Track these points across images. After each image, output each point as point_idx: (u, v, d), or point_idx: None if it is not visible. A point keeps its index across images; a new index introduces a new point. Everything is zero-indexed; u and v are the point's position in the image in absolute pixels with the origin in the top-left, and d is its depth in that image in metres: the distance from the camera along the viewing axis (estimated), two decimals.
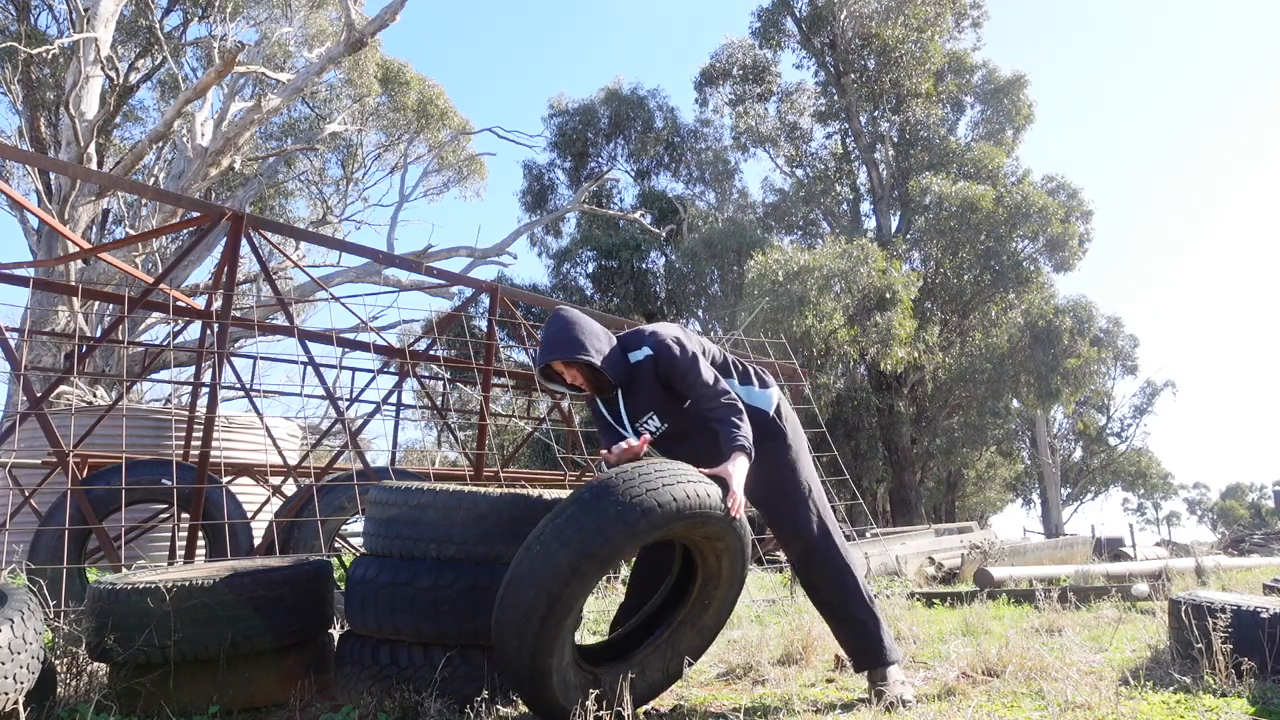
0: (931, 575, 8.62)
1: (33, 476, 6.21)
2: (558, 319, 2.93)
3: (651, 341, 2.90)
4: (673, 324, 3.04)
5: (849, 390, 18.71)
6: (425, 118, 21.10)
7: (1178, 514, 45.33)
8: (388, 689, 2.64)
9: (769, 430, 3.00)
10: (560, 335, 2.87)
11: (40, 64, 15.32)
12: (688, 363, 2.84)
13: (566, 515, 2.37)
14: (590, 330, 2.91)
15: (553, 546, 2.33)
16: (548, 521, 2.40)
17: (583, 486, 2.47)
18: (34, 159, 12.31)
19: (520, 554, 2.40)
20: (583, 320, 2.93)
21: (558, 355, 2.84)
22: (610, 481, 2.42)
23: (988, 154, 20.31)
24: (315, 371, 5.68)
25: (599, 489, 2.40)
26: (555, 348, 2.86)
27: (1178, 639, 3.21)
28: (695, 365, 2.84)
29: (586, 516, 2.35)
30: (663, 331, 2.94)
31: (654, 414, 2.95)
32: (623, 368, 2.91)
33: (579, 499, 2.40)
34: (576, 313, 2.97)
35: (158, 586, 2.74)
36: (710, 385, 2.83)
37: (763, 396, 3.07)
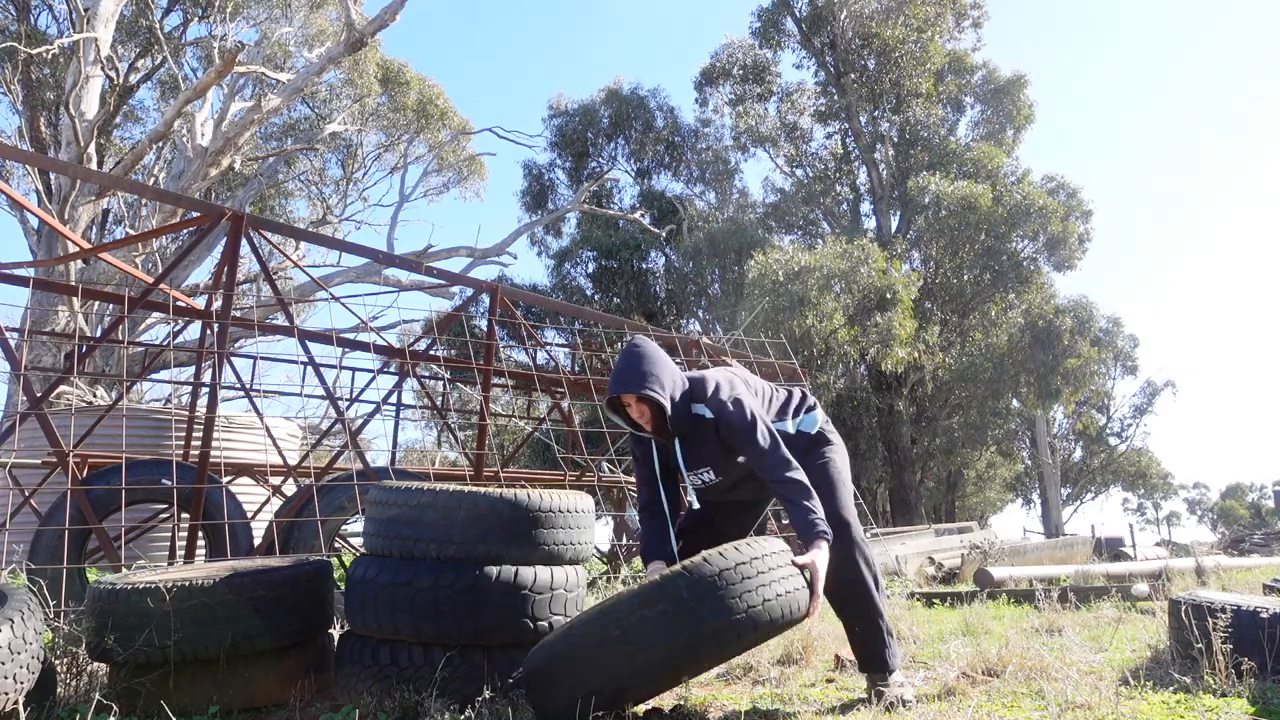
0: (931, 575, 8.62)
1: (33, 476, 6.20)
2: (634, 350, 2.86)
3: (715, 404, 2.84)
4: (727, 373, 2.99)
5: (849, 390, 18.71)
6: (425, 118, 21.10)
7: (1178, 514, 45.35)
8: (388, 689, 2.64)
9: (818, 440, 3.08)
10: (635, 367, 2.80)
11: (40, 64, 15.32)
12: (750, 430, 2.79)
13: (659, 611, 2.24)
14: (665, 368, 2.84)
15: (636, 644, 2.24)
16: (634, 608, 2.27)
17: (679, 575, 2.30)
18: (34, 159, 12.32)
19: (594, 626, 2.29)
20: (659, 355, 2.86)
21: (631, 388, 2.77)
22: (712, 582, 2.26)
23: (988, 154, 20.30)
24: (315, 371, 5.68)
25: (699, 589, 2.26)
26: (629, 380, 2.78)
27: (1178, 639, 3.21)
28: (756, 432, 2.78)
29: (679, 624, 2.23)
30: (724, 389, 2.87)
31: (711, 468, 2.93)
32: (686, 418, 2.87)
33: (676, 596, 2.25)
34: (653, 346, 2.90)
35: (158, 586, 2.74)
36: (773, 454, 2.77)
37: (810, 420, 3.12)
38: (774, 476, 2.77)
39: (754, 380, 3.12)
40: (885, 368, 17.22)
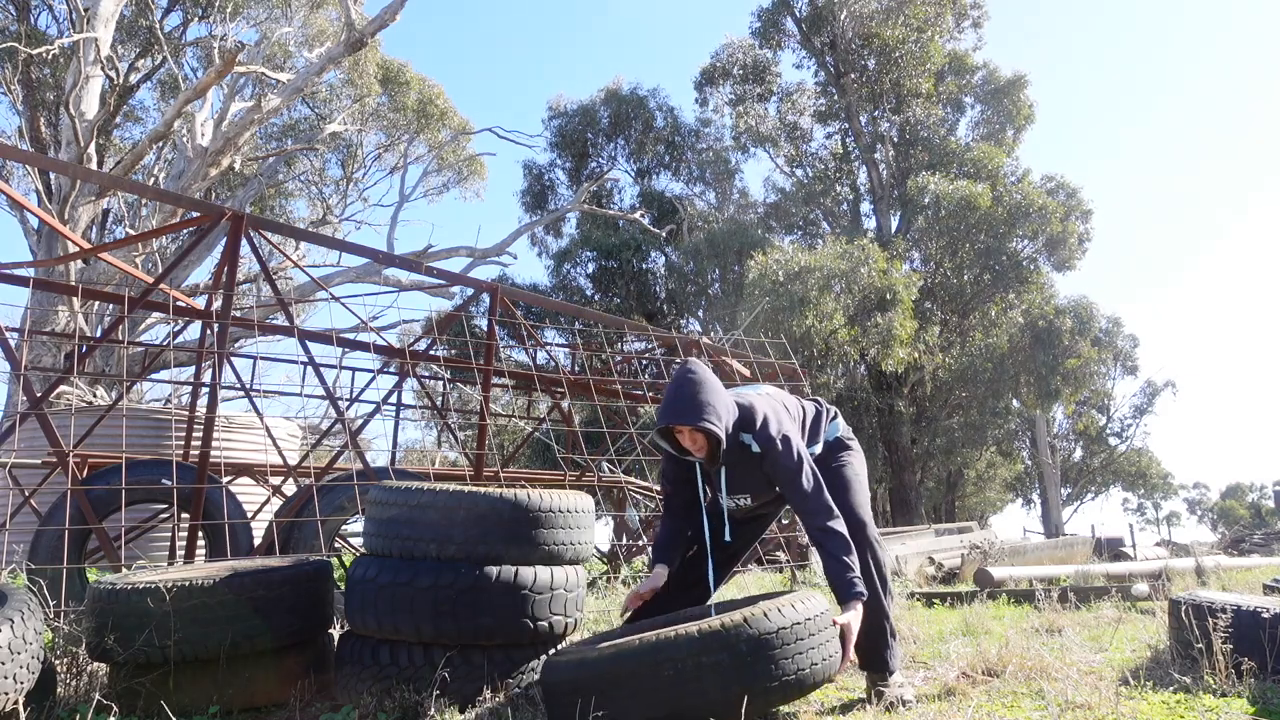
0: (931, 575, 8.61)
1: (33, 476, 6.20)
2: (689, 377, 2.81)
3: (763, 439, 2.83)
4: (772, 402, 2.97)
5: (849, 390, 18.70)
6: (425, 118, 21.10)
7: (1178, 514, 45.36)
8: (388, 689, 2.64)
9: (837, 445, 3.18)
10: (693, 396, 2.75)
11: (40, 64, 15.32)
12: (797, 472, 2.80)
13: (716, 661, 2.26)
14: (720, 396, 2.81)
15: (687, 688, 2.25)
16: (692, 652, 2.26)
17: (741, 629, 2.31)
18: (34, 159, 12.31)
19: (646, 661, 2.27)
20: (714, 382, 2.83)
21: (688, 419, 2.73)
22: (769, 640, 2.31)
23: (988, 154, 20.30)
24: (315, 371, 5.68)
25: (759, 646, 2.29)
26: (687, 410, 2.74)
27: (1178, 639, 3.21)
28: (802, 475, 2.80)
29: (733, 678, 2.25)
30: (772, 423, 2.86)
31: (749, 495, 2.97)
32: (734, 447, 2.86)
33: (736, 649, 2.27)
34: (708, 372, 2.87)
35: (158, 586, 2.74)
36: (816, 499, 2.78)
37: (834, 428, 3.21)
38: (815, 523, 2.77)
39: (791, 403, 3.12)
40: (885, 368, 17.22)
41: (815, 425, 3.16)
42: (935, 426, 20.14)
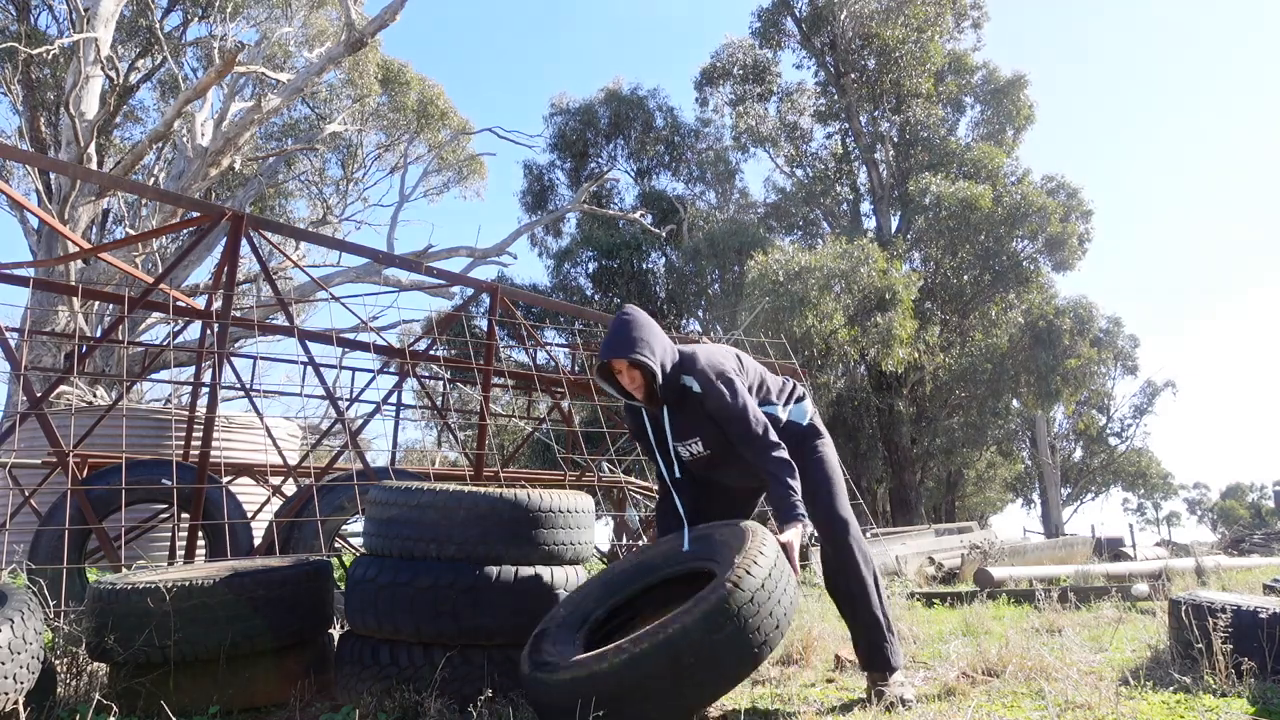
0: (931, 575, 8.62)
1: (33, 476, 6.20)
2: (624, 318, 2.89)
3: (702, 378, 2.84)
4: (720, 349, 2.99)
5: (849, 390, 18.70)
6: (425, 118, 21.10)
7: (1178, 514, 45.37)
8: (388, 689, 2.64)
9: (810, 433, 3.09)
10: (626, 334, 2.82)
11: (40, 64, 15.32)
12: (738, 410, 2.80)
13: (727, 634, 2.24)
14: (656, 335, 2.86)
15: (710, 668, 2.24)
16: (705, 634, 2.22)
17: (734, 594, 2.27)
18: (34, 159, 12.31)
19: (665, 658, 2.21)
20: (649, 323, 2.89)
21: (621, 353, 2.79)
22: (756, 595, 2.30)
23: (988, 154, 20.30)
24: (315, 371, 5.68)
25: (752, 605, 2.28)
26: (619, 345, 2.80)
27: (1178, 639, 3.21)
28: (745, 413, 2.80)
29: (744, 643, 2.26)
30: (713, 366, 2.87)
31: (699, 439, 2.94)
32: (675, 388, 2.88)
33: (737, 615, 2.25)
34: (644, 314, 2.93)
35: (158, 586, 2.74)
36: (759, 436, 2.79)
37: (799, 410, 3.12)
38: (759, 455, 2.78)
39: (748, 361, 3.11)
40: (885, 368, 17.23)
41: (779, 392, 3.11)
42: (935, 426, 20.14)
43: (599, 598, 2.71)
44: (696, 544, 2.72)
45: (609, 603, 2.71)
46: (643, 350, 2.78)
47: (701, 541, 2.71)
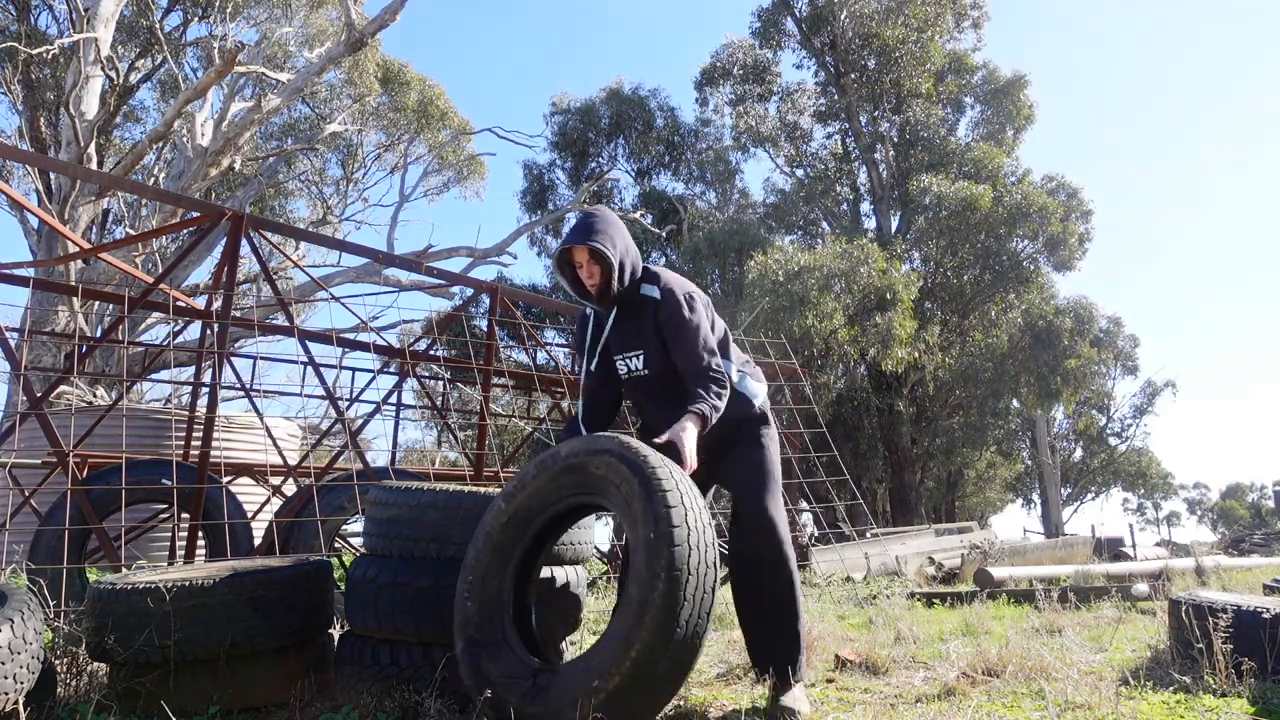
0: (931, 575, 8.62)
1: (33, 476, 6.20)
2: (591, 212, 2.82)
3: (664, 289, 2.76)
4: (691, 284, 2.90)
5: (849, 390, 18.70)
6: (425, 118, 21.10)
7: (1178, 514, 45.37)
8: (388, 689, 2.64)
9: (762, 419, 2.92)
10: (593, 224, 2.75)
11: (40, 64, 15.32)
12: (692, 325, 2.70)
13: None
14: (622, 235, 2.79)
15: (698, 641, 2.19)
16: (647, 649, 2.10)
17: (670, 609, 2.12)
18: (34, 159, 12.31)
19: (662, 647, 2.13)
20: (618, 223, 2.81)
21: (584, 239, 2.70)
22: (694, 597, 2.14)
23: (988, 154, 20.31)
24: (315, 371, 5.68)
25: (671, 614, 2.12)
26: (584, 232, 2.72)
27: (1178, 639, 3.21)
28: (698, 331, 2.70)
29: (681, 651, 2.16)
30: (680, 283, 2.80)
31: (642, 354, 2.80)
32: (633, 294, 2.78)
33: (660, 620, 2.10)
34: (614, 215, 2.85)
35: (158, 586, 2.74)
36: (704, 357, 2.68)
37: (753, 388, 2.95)
38: (695, 369, 2.66)
39: (718, 319, 2.99)
40: (885, 368, 17.23)
41: (732, 354, 2.95)
42: (935, 426, 20.14)
43: (498, 569, 2.54)
44: (568, 476, 2.48)
45: (509, 571, 2.54)
46: (605, 243, 2.70)
47: (575, 474, 2.47)
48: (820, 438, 9.18)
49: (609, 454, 2.36)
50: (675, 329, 2.70)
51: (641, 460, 2.30)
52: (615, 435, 2.44)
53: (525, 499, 2.52)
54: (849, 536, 9.16)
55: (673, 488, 2.25)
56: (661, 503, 2.21)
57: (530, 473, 2.54)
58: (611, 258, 2.69)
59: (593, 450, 2.41)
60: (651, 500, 2.22)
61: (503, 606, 2.50)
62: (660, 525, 2.18)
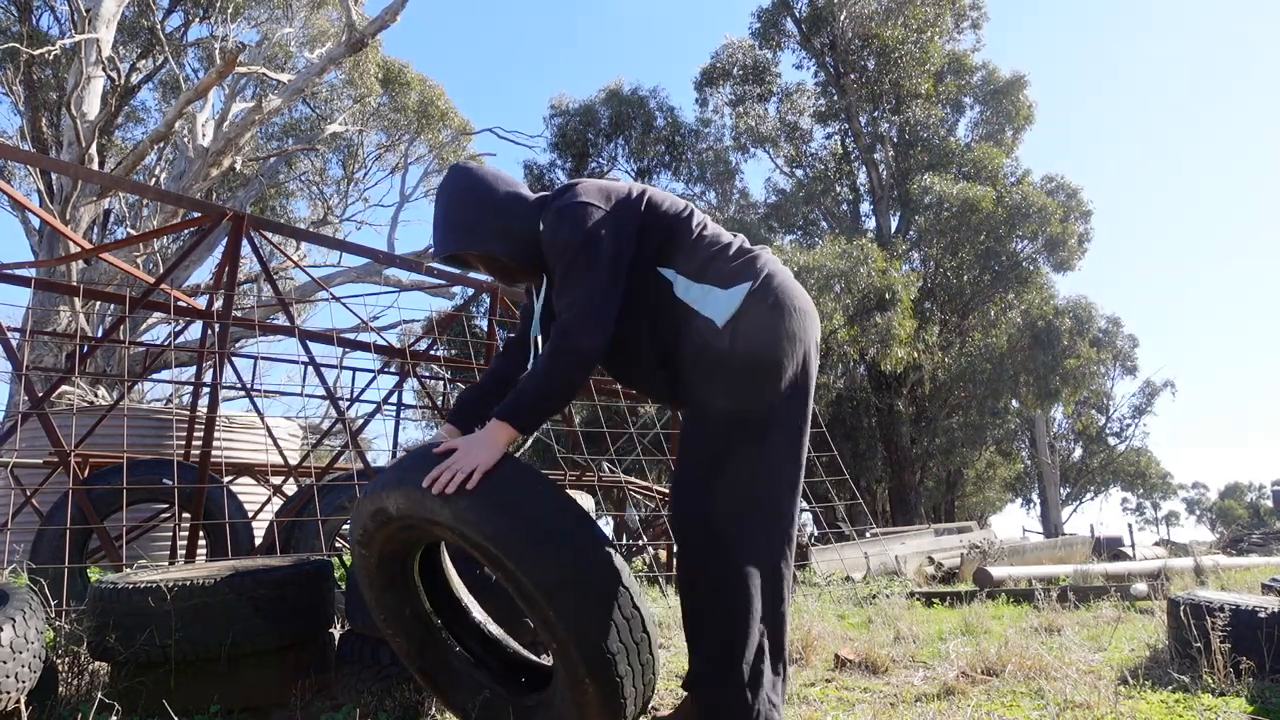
0: (931, 575, 8.62)
1: (34, 476, 6.21)
2: (440, 196, 2.13)
3: (550, 216, 1.99)
4: (611, 186, 2.07)
5: (849, 390, 18.71)
6: (426, 118, 21.12)
7: (1177, 514, 45.45)
8: (388, 688, 2.65)
9: (720, 351, 1.93)
10: (445, 220, 2.08)
11: (42, 65, 15.33)
12: (566, 253, 1.91)
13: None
14: (488, 204, 2.06)
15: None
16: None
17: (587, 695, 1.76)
18: (36, 159, 12.31)
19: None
20: (477, 188, 2.08)
21: (442, 250, 2.09)
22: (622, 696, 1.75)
23: (987, 154, 20.32)
24: (316, 371, 5.69)
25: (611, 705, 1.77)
26: (440, 241, 2.08)
27: (1176, 638, 3.22)
28: (572, 262, 1.90)
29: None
30: (568, 197, 2.00)
31: None
32: (537, 246, 2.05)
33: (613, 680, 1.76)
34: (469, 180, 2.10)
35: (159, 586, 2.74)
36: (567, 298, 1.89)
37: (719, 299, 1.96)
38: (557, 313, 1.91)
39: (671, 202, 2.10)
40: (885, 368, 17.23)
41: (685, 247, 2.04)
42: (935, 426, 20.15)
43: (404, 600, 2.15)
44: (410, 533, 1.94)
45: (415, 599, 2.18)
46: (467, 236, 2.03)
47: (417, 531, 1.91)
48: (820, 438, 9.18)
49: (448, 528, 1.76)
50: (553, 260, 1.97)
51: (490, 544, 1.69)
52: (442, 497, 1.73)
53: (381, 547, 2.01)
54: (848, 536, 9.17)
55: (549, 569, 1.67)
56: (542, 599, 1.67)
57: (369, 524, 1.96)
58: (485, 249, 2.05)
59: (427, 519, 1.79)
60: (528, 598, 1.69)
61: (435, 629, 2.17)
62: (553, 629, 1.69)
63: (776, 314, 1.97)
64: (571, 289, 1.90)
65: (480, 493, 1.72)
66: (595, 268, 1.89)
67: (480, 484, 1.73)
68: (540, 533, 1.70)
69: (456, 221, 2.06)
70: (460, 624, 2.28)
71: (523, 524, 1.71)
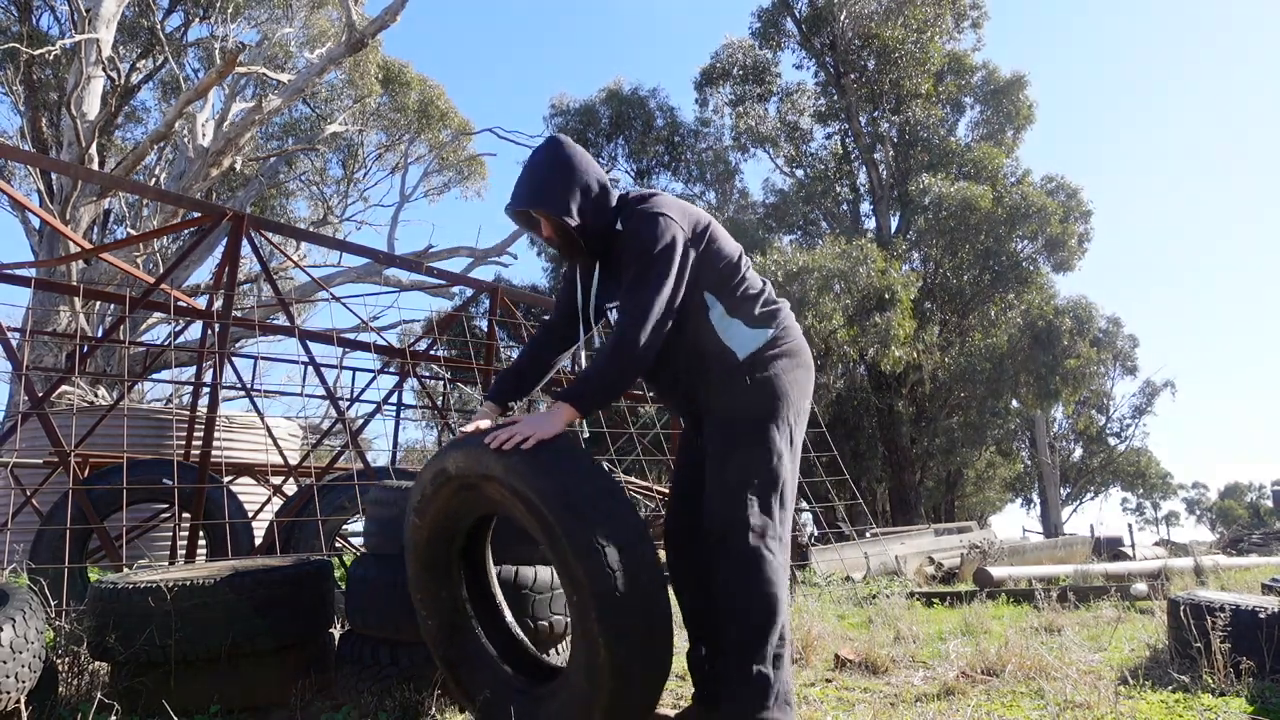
0: (931, 575, 8.62)
1: (34, 476, 6.21)
2: (539, 155, 2.32)
3: (631, 215, 2.25)
4: (687, 205, 2.35)
5: (849, 390, 18.71)
6: (426, 118, 21.12)
7: (1176, 514, 45.47)
8: (388, 688, 2.65)
9: (740, 367, 2.25)
10: (536, 177, 2.29)
11: (42, 65, 15.33)
12: (646, 259, 2.14)
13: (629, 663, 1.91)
14: (578, 177, 2.27)
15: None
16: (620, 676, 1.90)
17: (600, 657, 1.90)
18: (36, 159, 12.32)
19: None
20: (572, 160, 2.29)
21: (523, 203, 2.29)
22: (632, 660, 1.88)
23: (987, 154, 20.32)
24: (316, 371, 5.69)
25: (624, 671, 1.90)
26: (524, 194, 2.28)
27: (1176, 638, 3.22)
28: (648, 268, 2.14)
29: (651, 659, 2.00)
30: (654, 206, 2.25)
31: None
32: (605, 234, 2.30)
33: (614, 682, 1.90)
34: (567, 151, 2.31)
35: (159, 586, 2.74)
36: (639, 299, 2.12)
37: (744, 335, 2.28)
38: (621, 309, 2.17)
39: (726, 238, 2.38)
40: (884, 368, 17.23)
41: (728, 288, 2.31)
42: (935, 426, 20.14)
43: (442, 582, 2.35)
44: (467, 493, 2.16)
45: (454, 582, 2.38)
46: (548, 200, 2.23)
47: (473, 492, 2.15)
48: (820, 438, 9.18)
49: (498, 481, 2.00)
50: (629, 263, 2.19)
51: (535, 497, 1.91)
52: (500, 453, 1.99)
53: (435, 515, 2.25)
54: (848, 536, 9.17)
55: (581, 530, 1.85)
56: (571, 555, 1.85)
57: (428, 488, 2.22)
58: (554, 213, 2.24)
59: (481, 474, 2.05)
60: (559, 551, 1.87)
61: (465, 617, 2.33)
62: (578, 586, 1.84)
63: (787, 360, 2.32)
64: (642, 293, 2.14)
65: (533, 453, 1.97)
66: (665, 279, 2.15)
67: (534, 447, 1.98)
68: (579, 494, 1.91)
69: (551, 183, 2.25)
70: (490, 620, 2.41)
71: (565, 484, 1.93)
